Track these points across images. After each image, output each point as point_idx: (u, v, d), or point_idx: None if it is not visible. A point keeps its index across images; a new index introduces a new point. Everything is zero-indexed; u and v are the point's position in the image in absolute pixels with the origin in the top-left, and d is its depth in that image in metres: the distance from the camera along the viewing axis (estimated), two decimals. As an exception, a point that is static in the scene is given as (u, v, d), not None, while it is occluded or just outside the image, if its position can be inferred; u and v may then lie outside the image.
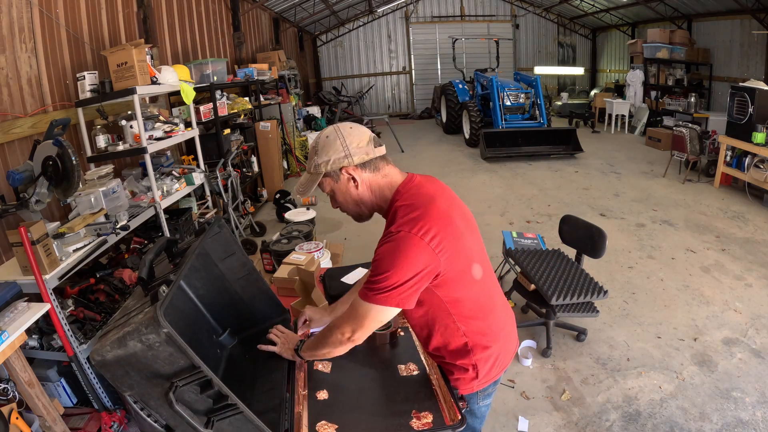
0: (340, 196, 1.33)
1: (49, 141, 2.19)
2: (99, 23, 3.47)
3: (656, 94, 9.48)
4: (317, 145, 1.30)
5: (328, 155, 1.27)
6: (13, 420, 1.88)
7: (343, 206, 1.37)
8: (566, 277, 2.94)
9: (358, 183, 1.30)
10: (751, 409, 2.41)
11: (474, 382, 1.38)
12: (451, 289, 1.27)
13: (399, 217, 1.23)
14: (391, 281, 1.18)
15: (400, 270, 1.17)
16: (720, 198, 5.65)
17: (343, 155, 1.27)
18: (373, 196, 1.33)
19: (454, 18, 13.30)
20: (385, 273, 1.18)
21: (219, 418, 1.08)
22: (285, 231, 3.35)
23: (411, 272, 1.18)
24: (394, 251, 1.18)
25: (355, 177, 1.29)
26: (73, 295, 2.42)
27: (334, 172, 1.29)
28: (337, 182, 1.31)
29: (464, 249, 1.26)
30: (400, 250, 1.18)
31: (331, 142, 1.27)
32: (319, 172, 1.29)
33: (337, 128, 1.30)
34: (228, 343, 1.62)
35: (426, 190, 1.30)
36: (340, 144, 1.27)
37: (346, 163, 1.27)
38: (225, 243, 1.62)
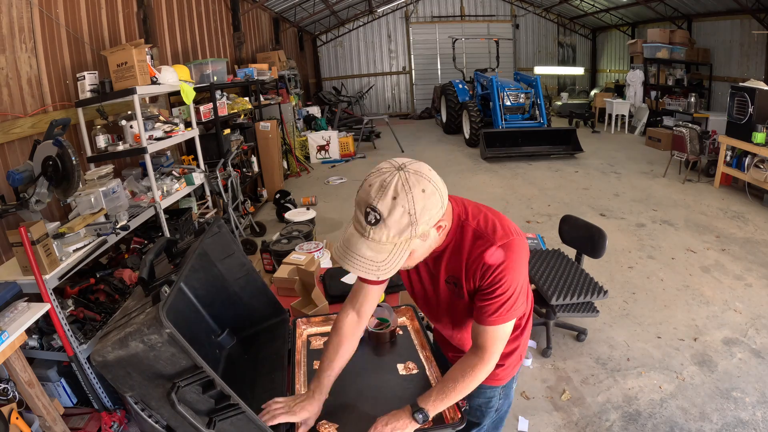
0: (421, 252, 1.07)
1: (49, 141, 2.19)
2: (99, 23, 3.47)
3: (656, 94, 9.48)
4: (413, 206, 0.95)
5: (429, 214, 0.98)
6: (13, 420, 1.88)
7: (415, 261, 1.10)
8: (566, 277, 2.95)
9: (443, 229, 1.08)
10: (751, 409, 2.41)
11: (518, 364, 1.42)
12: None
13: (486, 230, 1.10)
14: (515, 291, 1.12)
15: (518, 276, 1.11)
16: (720, 198, 5.65)
17: (440, 207, 1.00)
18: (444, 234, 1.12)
19: (454, 18, 13.30)
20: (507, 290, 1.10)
21: (221, 419, 1.08)
22: (285, 231, 3.35)
23: (526, 273, 1.16)
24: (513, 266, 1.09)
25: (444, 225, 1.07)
26: (73, 295, 2.41)
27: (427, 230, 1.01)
28: (425, 240, 1.04)
29: None
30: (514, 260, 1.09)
31: (430, 195, 0.97)
32: (413, 237, 0.98)
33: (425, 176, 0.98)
34: (227, 344, 1.62)
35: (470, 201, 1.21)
36: (439, 196, 0.99)
37: (442, 215, 1.02)
38: (224, 243, 1.62)
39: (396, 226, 0.96)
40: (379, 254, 0.98)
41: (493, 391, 1.43)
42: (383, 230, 0.96)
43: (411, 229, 0.96)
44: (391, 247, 0.98)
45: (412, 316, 1.75)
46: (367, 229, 0.97)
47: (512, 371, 1.42)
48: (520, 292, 1.13)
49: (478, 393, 1.38)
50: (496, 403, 1.45)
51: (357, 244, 0.99)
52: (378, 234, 0.96)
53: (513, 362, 1.40)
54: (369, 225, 0.96)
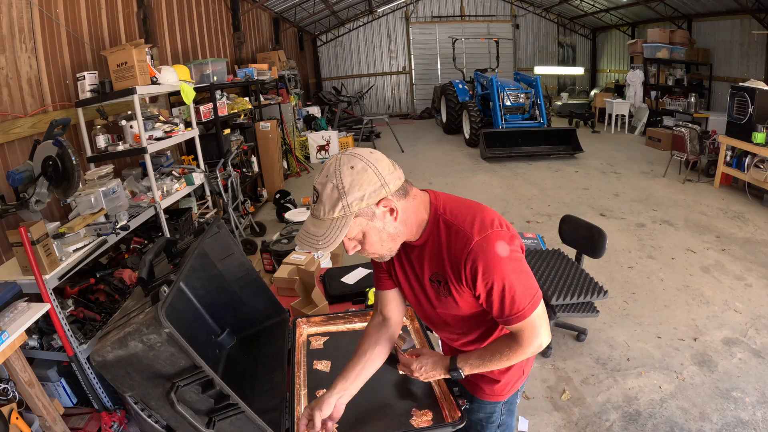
0: (375, 235, 1.08)
1: (49, 141, 2.19)
2: (99, 23, 3.47)
3: (656, 94, 9.48)
4: (340, 182, 1.01)
5: (361, 190, 1.01)
6: (13, 420, 1.88)
7: (374, 247, 1.11)
8: (566, 277, 2.94)
9: (398, 213, 1.08)
10: (751, 409, 2.41)
11: (520, 380, 1.37)
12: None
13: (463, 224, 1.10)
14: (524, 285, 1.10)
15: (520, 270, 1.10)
16: (720, 198, 5.65)
17: (378, 185, 1.03)
18: (409, 224, 1.13)
19: (454, 18, 13.30)
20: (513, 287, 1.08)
21: (220, 418, 1.08)
22: (285, 231, 3.36)
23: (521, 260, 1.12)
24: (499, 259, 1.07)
25: (394, 208, 1.07)
26: (73, 295, 2.42)
27: (368, 208, 1.04)
28: (371, 220, 1.06)
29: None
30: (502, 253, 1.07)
31: (360, 173, 1.01)
32: (348, 214, 1.02)
33: (358, 156, 1.04)
34: (227, 343, 1.62)
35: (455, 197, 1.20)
36: (373, 173, 1.02)
37: (384, 194, 1.04)
38: (224, 243, 1.62)
39: (328, 201, 1.02)
40: (319, 229, 1.05)
41: (494, 407, 1.39)
42: (320, 206, 1.04)
43: (342, 203, 1.01)
44: (329, 223, 1.04)
45: (412, 316, 1.76)
46: (312, 207, 1.08)
47: (513, 387, 1.36)
48: (524, 283, 1.10)
49: (479, 408, 1.38)
50: (498, 419, 1.41)
51: (306, 222, 1.09)
52: (317, 210, 1.05)
53: (513, 378, 1.35)
54: (312, 204, 1.07)
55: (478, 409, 1.38)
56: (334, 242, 1.04)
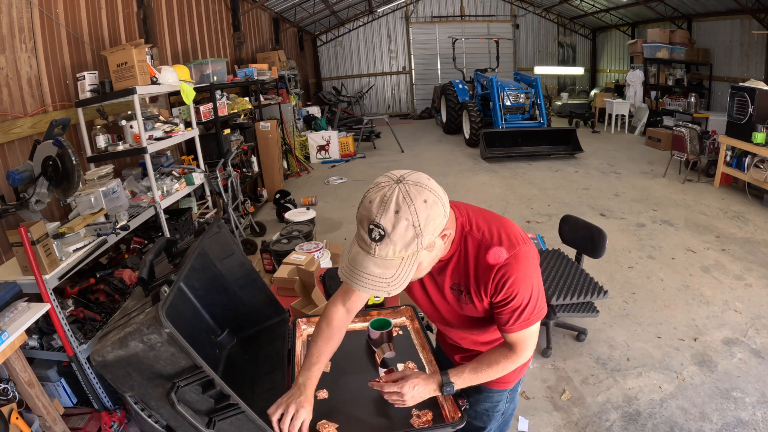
0: (428, 261, 1.04)
1: (49, 141, 2.19)
2: (99, 23, 3.47)
3: (656, 94, 9.48)
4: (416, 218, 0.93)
5: (434, 224, 0.96)
6: (13, 420, 1.88)
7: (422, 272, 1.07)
8: (566, 277, 2.94)
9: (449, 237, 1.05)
10: (751, 409, 2.41)
11: (524, 368, 1.39)
12: None
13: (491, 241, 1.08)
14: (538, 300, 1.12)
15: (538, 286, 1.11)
16: (720, 198, 5.65)
17: (443, 216, 0.98)
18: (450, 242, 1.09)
19: (454, 18, 13.30)
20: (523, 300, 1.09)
21: (221, 418, 1.08)
22: (285, 231, 3.36)
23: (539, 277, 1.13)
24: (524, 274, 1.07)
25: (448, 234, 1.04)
26: (73, 295, 2.42)
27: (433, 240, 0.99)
28: (431, 251, 1.02)
29: None
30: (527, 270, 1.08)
31: (432, 204, 0.95)
32: (419, 250, 0.97)
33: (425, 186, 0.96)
34: (227, 344, 1.62)
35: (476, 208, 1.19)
36: (441, 205, 0.97)
37: (446, 224, 1.00)
38: (224, 243, 1.62)
39: (402, 240, 0.94)
40: (387, 270, 0.97)
41: (501, 395, 1.43)
42: (389, 246, 0.94)
43: (417, 241, 0.95)
44: (399, 262, 0.96)
45: (412, 316, 1.75)
46: (373, 246, 0.95)
47: (519, 375, 1.41)
48: (537, 297, 1.12)
49: (486, 398, 1.40)
50: (503, 407, 1.45)
51: (363, 263, 0.98)
52: (384, 250, 0.95)
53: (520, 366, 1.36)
54: (374, 242, 0.95)
55: (484, 399, 1.41)
56: (406, 282, 0.97)
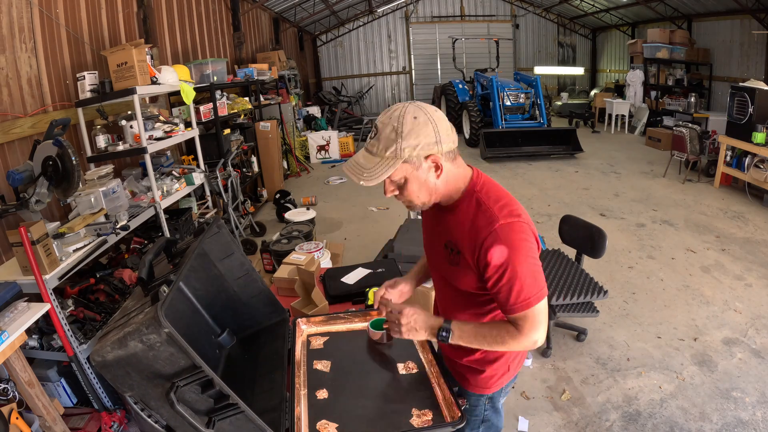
0: (415, 184, 1.16)
1: (49, 141, 2.19)
2: (99, 23, 3.47)
3: (656, 94, 9.48)
4: (401, 126, 1.09)
5: (417, 140, 1.10)
6: (13, 420, 1.88)
7: (411, 195, 1.18)
8: (566, 277, 2.94)
9: (442, 171, 1.16)
10: (751, 409, 2.41)
11: (505, 376, 1.39)
12: None
13: (492, 208, 1.16)
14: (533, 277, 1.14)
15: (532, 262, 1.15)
16: (720, 198, 5.65)
17: (433, 141, 1.11)
18: (447, 185, 1.20)
19: (454, 18, 13.29)
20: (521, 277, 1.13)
21: (220, 418, 1.08)
22: (285, 231, 3.36)
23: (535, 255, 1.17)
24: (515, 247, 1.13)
25: (440, 165, 1.15)
26: (73, 295, 2.42)
27: (417, 158, 1.12)
28: (416, 170, 1.14)
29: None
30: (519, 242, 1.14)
31: (422, 124, 1.10)
32: (398, 157, 1.10)
33: (424, 110, 1.12)
34: (227, 344, 1.62)
35: (495, 183, 1.25)
36: (432, 129, 1.11)
37: (435, 150, 1.12)
38: (224, 243, 1.62)
39: (384, 141, 1.11)
40: (368, 163, 1.13)
41: (478, 400, 1.40)
42: (376, 143, 1.12)
43: (396, 145, 1.10)
44: (378, 160, 1.12)
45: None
46: (368, 142, 1.15)
47: (498, 382, 1.37)
48: (532, 273, 1.14)
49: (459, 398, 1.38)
50: (482, 413, 1.42)
51: (358, 155, 1.17)
52: (372, 146, 1.14)
53: (498, 372, 1.36)
54: (369, 138, 1.15)
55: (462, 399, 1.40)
56: (378, 178, 1.12)
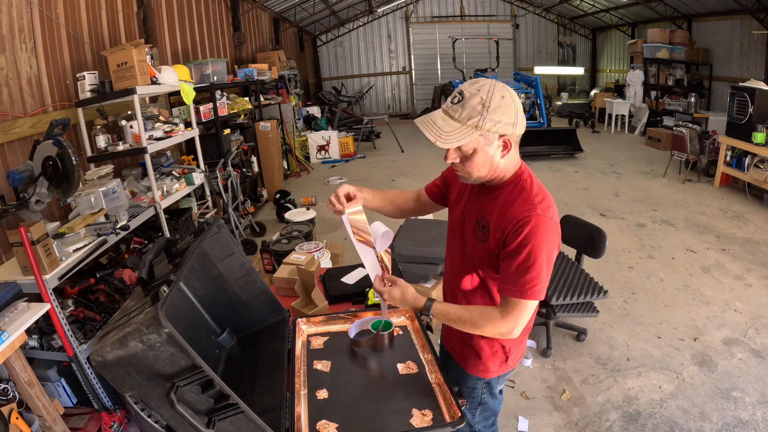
0: (482, 157, 1.20)
1: (49, 141, 2.19)
2: (99, 23, 3.47)
3: (656, 94, 9.48)
4: (489, 101, 1.14)
5: (500, 117, 1.15)
6: (13, 420, 1.88)
7: (473, 167, 1.22)
8: (566, 277, 2.94)
9: (508, 152, 1.21)
10: (751, 409, 2.41)
11: (503, 366, 1.43)
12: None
13: (529, 197, 1.21)
14: (542, 270, 1.18)
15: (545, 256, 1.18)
16: (720, 198, 5.65)
17: (512, 122, 1.17)
18: (504, 167, 1.25)
19: (454, 18, 13.29)
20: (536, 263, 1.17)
21: (220, 418, 1.08)
22: (285, 231, 3.36)
23: (552, 254, 1.21)
24: (538, 237, 1.16)
25: (509, 145, 1.20)
26: (73, 295, 2.41)
27: (493, 133, 1.17)
28: (489, 145, 1.18)
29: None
30: (544, 235, 1.17)
31: (507, 105, 1.15)
32: (479, 128, 1.15)
33: (510, 92, 1.17)
34: (227, 344, 1.62)
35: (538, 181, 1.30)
36: (514, 111, 1.17)
37: (509, 131, 1.18)
38: (224, 243, 1.62)
39: (469, 109, 1.15)
40: (446, 126, 1.17)
41: (476, 383, 1.46)
42: (459, 109, 1.16)
43: (479, 117, 1.14)
44: (458, 126, 1.16)
45: (412, 316, 1.75)
46: (449, 106, 1.19)
47: (494, 370, 1.43)
48: (543, 266, 1.17)
49: (463, 380, 1.47)
50: (479, 396, 1.48)
51: (435, 116, 1.21)
52: (454, 111, 1.17)
53: (494, 359, 1.41)
54: (452, 103, 1.18)
55: (462, 382, 1.46)
56: (454, 143, 1.16)
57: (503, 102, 1.15)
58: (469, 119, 1.15)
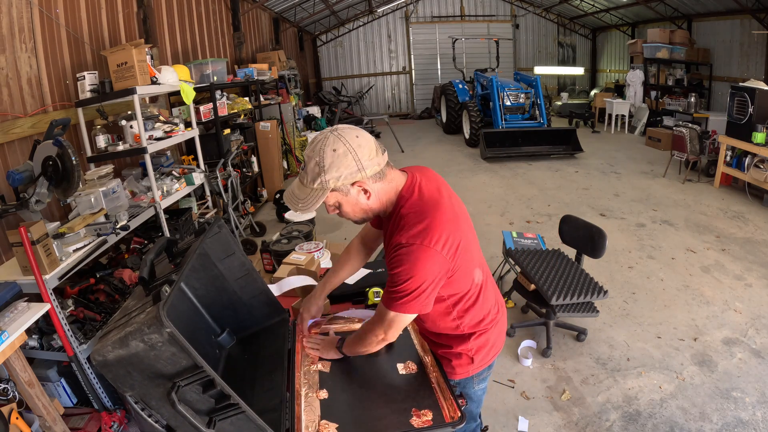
0: (348, 207, 1.27)
1: (49, 141, 2.19)
2: (99, 23, 3.47)
3: (656, 94, 9.48)
4: (322, 161, 1.17)
5: (339, 171, 1.18)
6: (13, 420, 1.88)
7: (348, 215, 1.30)
8: (566, 277, 2.94)
9: (370, 194, 1.25)
10: (751, 409, 2.42)
11: (470, 367, 1.47)
12: (454, 285, 1.32)
13: (408, 226, 1.22)
14: (410, 291, 1.22)
15: (418, 280, 1.20)
16: (720, 198, 5.65)
17: (356, 169, 1.19)
18: (381, 203, 1.30)
19: (454, 18, 13.29)
20: (403, 284, 1.21)
21: (221, 418, 1.08)
22: (285, 231, 3.35)
23: (428, 281, 1.22)
24: (409, 263, 1.20)
25: (367, 189, 1.24)
26: (73, 295, 2.42)
27: (344, 186, 1.21)
28: (346, 195, 1.24)
29: (467, 245, 1.30)
30: (415, 262, 1.19)
31: (341, 157, 1.17)
32: (325, 188, 1.19)
33: (344, 140, 1.18)
34: (227, 344, 1.62)
35: (429, 194, 1.29)
36: (352, 158, 1.18)
37: (359, 177, 1.20)
38: (224, 243, 1.62)
39: (311, 174, 1.20)
40: (301, 193, 1.24)
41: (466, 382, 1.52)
42: (305, 175, 1.22)
43: (320, 178, 1.19)
44: (309, 191, 1.22)
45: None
46: (300, 173, 1.26)
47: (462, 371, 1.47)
48: (410, 289, 1.21)
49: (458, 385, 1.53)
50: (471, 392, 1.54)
51: (293, 185, 1.28)
52: (302, 176, 1.24)
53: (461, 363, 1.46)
54: (301, 169, 1.25)
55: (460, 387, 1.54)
56: (311, 207, 1.23)
57: (336, 155, 1.17)
58: (314, 182, 1.20)
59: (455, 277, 1.29)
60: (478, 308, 1.41)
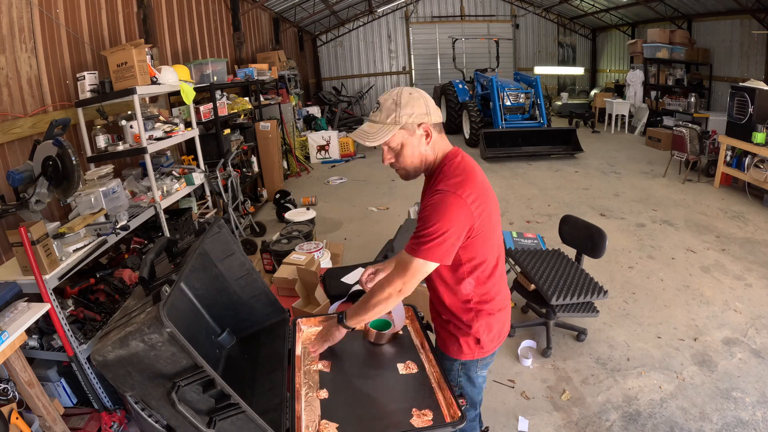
0: (410, 149, 1.38)
1: (49, 141, 2.19)
2: (99, 23, 3.47)
3: (656, 94, 9.48)
4: (399, 99, 1.34)
5: (412, 109, 1.33)
6: (13, 420, 1.88)
7: (405, 160, 1.40)
8: (566, 277, 2.94)
9: (430, 139, 1.38)
10: (751, 409, 2.42)
11: (476, 349, 1.48)
12: (473, 249, 1.39)
13: (445, 177, 1.35)
14: (437, 235, 1.29)
15: (445, 225, 1.29)
16: (720, 198, 5.65)
17: (425, 112, 1.35)
18: (434, 153, 1.41)
19: (454, 18, 13.29)
20: (432, 227, 1.29)
21: (221, 418, 1.08)
22: (285, 231, 3.36)
23: (453, 228, 1.30)
24: (439, 208, 1.30)
25: (430, 133, 1.37)
26: (73, 295, 2.41)
27: (411, 125, 1.34)
28: (411, 135, 1.36)
29: (490, 216, 1.39)
30: (445, 207, 1.29)
31: (415, 99, 1.34)
32: (397, 123, 1.33)
33: (417, 90, 1.37)
34: (227, 343, 1.62)
35: (468, 163, 1.42)
36: (424, 103, 1.35)
37: (426, 120, 1.35)
38: (224, 243, 1.62)
39: (386, 110, 1.35)
40: (371, 128, 1.37)
41: (452, 364, 1.52)
42: (378, 114, 1.37)
43: (395, 114, 1.34)
44: (380, 126, 1.36)
45: (412, 316, 1.76)
46: (371, 115, 1.39)
47: (467, 352, 1.48)
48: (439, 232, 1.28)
49: (442, 360, 1.52)
50: (455, 379, 1.53)
51: (363, 125, 1.41)
52: (374, 115, 1.38)
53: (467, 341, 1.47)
54: (372, 111, 1.39)
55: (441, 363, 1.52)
56: (381, 139, 1.35)
57: (411, 97, 1.35)
58: (387, 118, 1.34)
59: (476, 240, 1.36)
60: (491, 285, 1.45)
